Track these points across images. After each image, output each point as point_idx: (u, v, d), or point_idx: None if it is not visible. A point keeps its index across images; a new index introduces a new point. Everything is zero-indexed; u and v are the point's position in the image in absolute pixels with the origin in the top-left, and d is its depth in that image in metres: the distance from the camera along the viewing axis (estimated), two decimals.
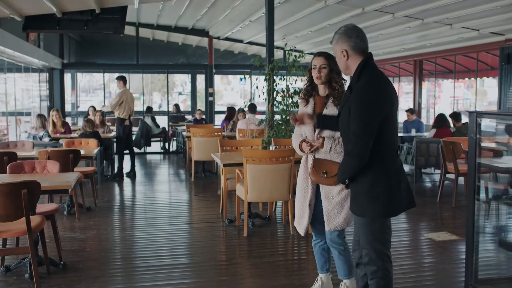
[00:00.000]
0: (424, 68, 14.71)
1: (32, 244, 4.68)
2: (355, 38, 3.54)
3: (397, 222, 7.71)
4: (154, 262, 5.71)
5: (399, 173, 3.45)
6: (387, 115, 3.36)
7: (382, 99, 3.36)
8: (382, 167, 3.40)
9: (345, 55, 3.55)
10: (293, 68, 8.80)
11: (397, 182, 3.42)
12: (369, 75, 3.42)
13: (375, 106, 3.33)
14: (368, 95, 3.35)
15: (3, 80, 10.17)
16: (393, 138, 3.47)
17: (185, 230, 7.17)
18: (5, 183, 4.49)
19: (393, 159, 3.46)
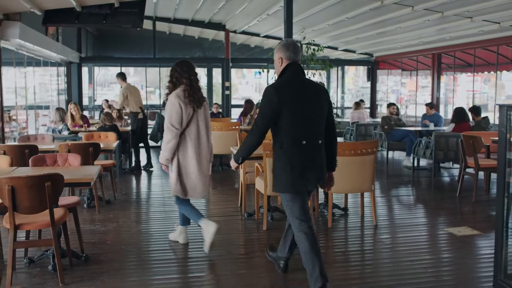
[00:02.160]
0: (442, 61, 14.57)
1: (55, 236, 4.72)
2: (289, 51, 4.38)
3: (416, 216, 7.69)
4: (173, 255, 5.73)
5: (293, 159, 4.26)
6: (281, 113, 4.19)
7: (272, 100, 4.20)
8: (281, 154, 4.31)
9: (280, 62, 4.42)
10: (311, 62, 8.77)
11: (291, 164, 4.26)
12: (277, 80, 4.42)
13: (266, 104, 4.25)
14: (264, 94, 4.28)
15: (23, 74, 10.24)
16: (293, 132, 4.24)
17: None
18: (29, 176, 4.52)
19: (293, 149, 4.25)
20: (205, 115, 5.65)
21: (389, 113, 12.75)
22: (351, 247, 6.15)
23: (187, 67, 5.55)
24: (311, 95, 4.35)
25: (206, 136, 5.67)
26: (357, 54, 17.33)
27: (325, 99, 4.47)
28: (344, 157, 6.53)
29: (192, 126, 5.51)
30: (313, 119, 4.34)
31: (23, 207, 4.60)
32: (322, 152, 4.43)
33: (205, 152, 5.67)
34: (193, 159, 5.53)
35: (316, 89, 4.44)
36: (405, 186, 9.94)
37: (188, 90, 5.44)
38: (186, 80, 5.47)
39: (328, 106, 4.47)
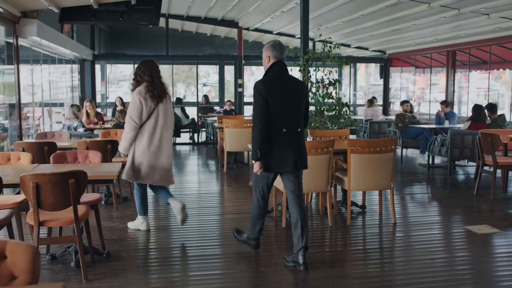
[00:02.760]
0: (456, 58, 14.49)
1: (79, 233, 4.74)
2: (276, 51, 5.06)
3: (434, 214, 7.66)
4: (193, 252, 5.75)
5: (275, 144, 4.94)
6: (267, 104, 4.88)
7: (261, 93, 4.88)
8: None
9: (268, 60, 5.08)
10: (328, 59, 8.75)
11: (273, 148, 4.95)
12: (264, 76, 5.09)
13: (258, 98, 4.91)
14: (254, 88, 4.98)
15: (38, 71, 10.28)
16: (278, 121, 4.93)
17: (221, 220, 7.18)
18: (54, 173, 4.54)
19: (273, 135, 4.92)
20: (166, 109, 6.07)
21: (403, 111, 12.70)
22: (370, 244, 6.14)
23: (149, 66, 6.04)
24: (293, 89, 5.09)
25: (165, 128, 6.12)
26: (370, 51, 17.28)
27: (305, 93, 5.27)
28: (363, 154, 6.52)
29: (152, 119, 5.99)
30: (293, 110, 5.05)
31: (47, 204, 4.62)
32: (301, 139, 5.17)
33: (164, 143, 6.14)
34: (148, 149, 6.02)
35: (297, 84, 5.21)
36: (421, 184, 9.90)
37: (149, 86, 5.91)
38: (148, 78, 5.93)
39: (306, 101, 5.23)
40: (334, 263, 5.46)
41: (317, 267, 5.24)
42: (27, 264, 2.44)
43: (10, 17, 7.79)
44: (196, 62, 16.79)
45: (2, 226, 4.86)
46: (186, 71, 29.70)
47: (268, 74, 5.07)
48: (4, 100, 8.27)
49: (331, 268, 5.27)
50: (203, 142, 15.84)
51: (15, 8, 7.86)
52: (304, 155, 5.19)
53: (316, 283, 4.83)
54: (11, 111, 8.46)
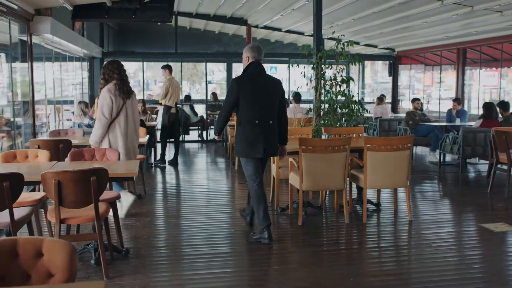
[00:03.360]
0: (467, 56, 14.41)
1: (100, 230, 4.75)
2: (255, 52, 5.86)
3: (449, 212, 7.64)
4: (208, 250, 5.73)
5: (248, 134, 5.68)
6: (240, 98, 5.65)
7: (233, 89, 5.71)
8: (240, 129, 5.78)
9: (247, 60, 5.87)
10: (341, 56, 8.73)
11: (247, 138, 5.69)
12: (241, 74, 5.93)
13: (229, 93, 5.82)
14: (230, 85, 5.90)
15: (48, 68, 10.28)
16: (248, 113, 5.69)
17: (235, 218, 7.15)
18: (75, 170, 4.54)
19: (248, 126, 5.69)
20: (133, 105, 6.48)
21: (414, 108, 12.66)
22: (388, 242, 6.12)
23: (117, 65, 6.41)
24: (267, 86, 5.80)
25: (133, 123, 6.52)
26: (379, 49, 17.22)
27: (279, 90, 5.91)
28: (380, 152, 6.50)
29: (122, 115, 6.36)
30: (266, 104, 5.76)
31: (69, 202, 4.62)
32: (272, 130, 5.82)
33: (133, 137, 6.54)
34: (121, 141, 6.38)
35: (272, 82, 5.92)
36: (433, 182, 9.88)
37: (119, 84, 6.28)
38: (117, 76, 6.30)
39: (280, 96, 5.91)
40: (352, 260, 5.45)
41: (336, 265, 5.24)
42: (64, 261, 2.43)
43: (24, 14, 7.79)
44: (205, 60, 16.77)
45: (23, 224, 4.86)
46: (190, 68, 29.73)
47: (246, 71, 5.88)
48: (18, 98, 8.25)
49: (349, 265, 5.27)
50: (212, 140, 15.82)
51: (29, 5, 7.85)
52: (274, 143, 5.88)
53: (334, 281, 4.82)
54: (24, 109, 8.46)
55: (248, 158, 5.79)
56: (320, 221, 6.90)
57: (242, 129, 5.76)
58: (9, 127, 8.38)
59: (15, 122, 8.07)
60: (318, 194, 7.92)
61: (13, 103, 7.87)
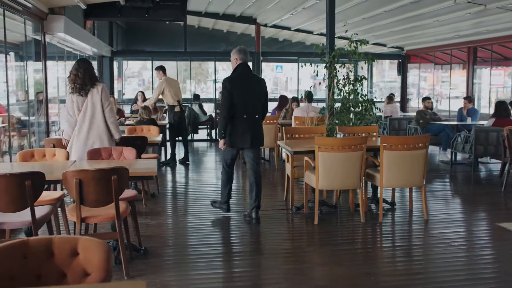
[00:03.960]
0: (478, 55, 14.35)
1: (121, 229, 4.74)
2: (242, 54, 6.51)
3: (464, 211, 7.61)
4: (227, 249, 5.77)
5: (237, 127, 6.39)
6: (232, 96, 6.35)
7: (226, 88, 6.40)
8: (230, 122, 6.42)
9: (236, 61, 6.52)
10: (354, 55, 8.70)
11: (236, 130, 6.40)
12: (231, 74, 6.58)
13: (224, 92, 6.46)
14: (222, 84, 6.53)
15: (62, 67, 10.30)
16: (240, 109, 6.36)
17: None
18: (96, 169, 4.54)
19: (237, 120, 6.37)
20: (92, 102, 6.11)
21: (424, 107, 12.63)
22: (407, 242, 6.11)
23: (76, 65, 6.15)
24: (253, 85, 6.54)
25: (91, 118, 6.15)
26: (388, 47, 17.18)
27: (264, 88, 6.65)
28: (396, 151, 6.48)
29: (81, 111, 6.16)
30: (252, 101, 6.49)
31: (90, 200, 4.61)
32: (258, 123, 6.58)
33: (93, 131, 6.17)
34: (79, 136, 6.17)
35: (257, 81, 6.68)
36: (446, 181, 9.85)
37: (72, 84, 6.10)
38: (73, 76, 6.09)
39: (265, 93, 6.67)
40: (370, 259, 5.44)
41: (355, 264, 5.23)
42: (100, 261, 2.43)
43: (39, 13, 7.80)
44: (214, 59, 16.77)
45: (43, 223, 4.87)
46: (196, 67, 29.73)
47: (235, 72, 6.53)
48: (31, 97, 8.26)
49: (368, 265, 5.25)
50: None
51: (44, 4, 7.86)
52: (259, 135, 6.60)
53: (355, 280, 4.81)
54: (38, 107, 8.48)
55: (233, 148, 6.59)
56: (336, 220, 6.88)
57: (233, 123, 6.45)
58: (23, 126, 8.40)
59: (29, 120, 8.08)
60: (331, 193, 7.91)
61: (28, 102, 7.87)
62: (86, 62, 6.26)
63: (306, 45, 18.43)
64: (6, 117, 8.65)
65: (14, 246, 2.43)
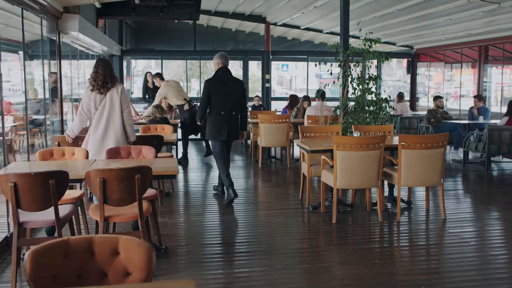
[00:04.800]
0: (489, 54, 14.27)
1: (143, 228, 4.74)
2: (223, 59, 7.50)
3: (482, 210, 7.58)
4: (247, 248, 5.75)
5: (215, 122, 7.40)
6: (212, 95, 7.35)
7: (206, 87, 7.42)
8: (210, 118, 7.49)
9: (217, 65, 7.50)
10: (368, 54, 8.68)
11: (215, 125, 7.41)
12: (212, 76, 7.60)
13: (204, 90, 7.49)
14: (204, 84, 7.54)
15: (75, 67, 10.30)
16: (216, 106, 7.38)
17: (267, 216, 7.14)
18: (120, 168, 4.53)
19: (215, 116, 7.39)
20: (112, 101, 6.15)
21: (436, 106, 12.60)
22: (425, 241, 6.10)
23: (97, 63, 6.21)
24: (231, 86, 7.49)
25: (108, 117, 6.17)
26: (397, 46, 17.13)
27: (241, 88, 7.60)
28: (414, 150, 6.46)
29: (99, 109, 6.17)
30: (230, 99, 7.43)
31: (113, 199, 4.61)
32: (234, 119, 7.50)
33: (109, 130, 6.20)
34: (95, 135, 6.20)
35: (236, 82, 7.65)
36: (459, 180, 9.82)
37: (92, 81, 6.14)
38: (93, 74, 6.15)
39: (242, 93, 7.58)
40: (392, 258, 5.44)
41: (377, 263, 5.22)
42: (142, 260, 2.42)
43: (54, 12, 7.79)
44: None
45: (66, 221, 4.87)
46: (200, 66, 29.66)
47: (216, 74, 7.51)
48: (46, 95, 8.26)
49: (390, 264, 5.24)
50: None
51: (58, 3, 7.86)
52: (235, 130, 7.54)
53: (378, 279, 4.79)
54: (52, 106, 8.48)
55: (216, 140, 7.51)
56: (354, 219, 6.86)
57: (211, 118, 7.45)
58: (35, 125, 8.40)
59: (45, 119, 8.08)
60: (346, 192, 7.90)
61: (44, 101, 7.88)
62: (106, 61, 6.29)
63: (314, 44, 18.40)
64: (19, 116, 8.71)
65: (56, 246, 2.43)
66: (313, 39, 18.04)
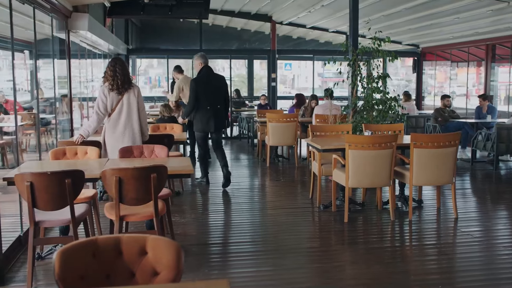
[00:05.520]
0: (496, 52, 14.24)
1: (159, 227, 4.73)
2: (205, 59, 8.26)
3: (494, 209, 7.57)
4: (259, 247, 5.75)
5: (203, 116, 8.14)
6: (198, 92, 8.08)
7: (193, 87, 8.13)
8: (197, 113, 8.19)
9: (200, 65, 8.22)
10: (378, 53, 8.65)
11: (202, 119, 8.15)
12: (197, 76, 8.33)
13: (191, 90, 8.19)
14: (190, 83, 8.31)
15: (85, 66, 10.30)
16: (203, 102, 8.10)
17: (276, 215, 7.12)
18: (136, 168, 4.53)
19: (202, 110, 8.13)
20: (129, 102, 6.17)
21: (443, 105, 12.58)
22: (438, 240, 6.07)
23: (114, 62, 6.17)
24: (215, 83, 8.26)
25: (126, 118, 6.19)
26: (403, 45, 17.10)
27: (224, 84, 8.52)
28: (426, 149, 6.44)
29: (116, 110, 6.17)
30: (214, 95, 8.18)
31: (129, 199, 4.60)
32: (219, 112, 8.26)
33: (127, 130, 6.22)
34: (114, 135, 6.21)
35: (219, 79, 8.44)
36: (468, 179, 9.80)
37: (111, 81, 6.07)
38: (110, 72, 6.08)
39: (225, 88, 8.52)
40: (406, 258, 5.42)
41: (391, 262, 5.21)
42: (171, 259, 2.42)
43: (64, 11, 7.79)
44: (230, 56, 16.72)
45: (82, 220, 4.87)
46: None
47: (200, 73, 8.23)
48: (55, 94, 8.26)
49: (404, 263, 5.24)
50: (236, 137, 15.80)
51: (68, 2, 7.85)
52: (220, 122, 8.29)
53: (392, 278, 4.79)
54: (61, 105, 8.48)
55: (202, 133, 8.31)
56: (365, 218, 6.85)
57: (199, 113, 8.16)
58: (43, 124, 8.40)
59: (56, 118, 8.07)
60: (355, 191, 7.88)
61: (55, 100, 7.88)
62: (122, 61, 6.29)
63: (320, 43, 18.37)
64: (25, 115, 8.71)
65: (84, 245, 2.43)
66: (318, 38, 18.02)
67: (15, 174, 4.45)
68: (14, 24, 5.70)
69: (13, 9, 5.68)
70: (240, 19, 16.36)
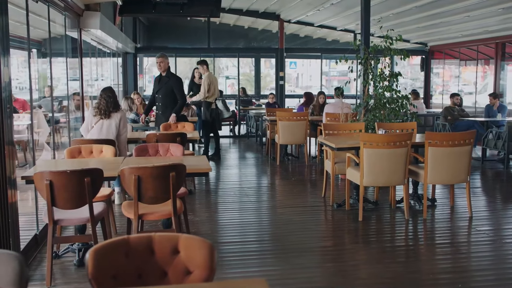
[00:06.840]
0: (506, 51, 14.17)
1: (177, 226, 4.73)
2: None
3: (507, 208, 7.53)
4: (273, 246, 5.74)
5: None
6: None
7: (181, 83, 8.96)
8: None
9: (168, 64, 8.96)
10: (390, 51, 8.64)
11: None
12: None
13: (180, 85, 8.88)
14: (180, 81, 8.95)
15: (94, 64, 10.30)
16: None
17: (291, 214, 7.10)
18: (155, 166, 4.53)
19: None
20: (109, 125, 6.73)
21: (452, 104, 12.55)
22: (454, 239, 6.05)
23: (103, 91, 6.85)
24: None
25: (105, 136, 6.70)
26: (411, 43, 17.04)
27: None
28: (441, 147, 6.42)
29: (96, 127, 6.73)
30: None
31: (147, 197, 4.61)
32: None
33: None
34: None
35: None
36: (480, 178, 9.77)
37: (96, 107, 6.79)
38: (98, 101, 6.80)
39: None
40: (423, 256, 5.40)
41: (409, 261, 5.21)
42: (204, 259, 2.41)
43: (76, 9, 7.79)
44: (238, 55, 16.70)
45: (100, 219, 4.87)
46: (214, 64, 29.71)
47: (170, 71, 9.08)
48: (68, 93, 8.26)
49: (422, 262, 5.22)
50: (244, 135, 15.78)
51: (81, 0, 7.85)
52: None
53: (411, 277, 4.78)
54: (74, 104, 8.49)
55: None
56: (379, 217, 6.83)
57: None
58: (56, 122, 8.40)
59: (68, 116, 8.08)
60: (368, 190, 7.86)
61: (68, 98, 7.88)
62: (111, 91, 6.90)
63: (327, 41, 18.32)
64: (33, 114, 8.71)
65: (116, 244, 2.42)
66: (326, 36, 17.96)
67: (34, 172, 4.45)
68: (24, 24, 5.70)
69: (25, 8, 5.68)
70: (247, 17, 16.32)
